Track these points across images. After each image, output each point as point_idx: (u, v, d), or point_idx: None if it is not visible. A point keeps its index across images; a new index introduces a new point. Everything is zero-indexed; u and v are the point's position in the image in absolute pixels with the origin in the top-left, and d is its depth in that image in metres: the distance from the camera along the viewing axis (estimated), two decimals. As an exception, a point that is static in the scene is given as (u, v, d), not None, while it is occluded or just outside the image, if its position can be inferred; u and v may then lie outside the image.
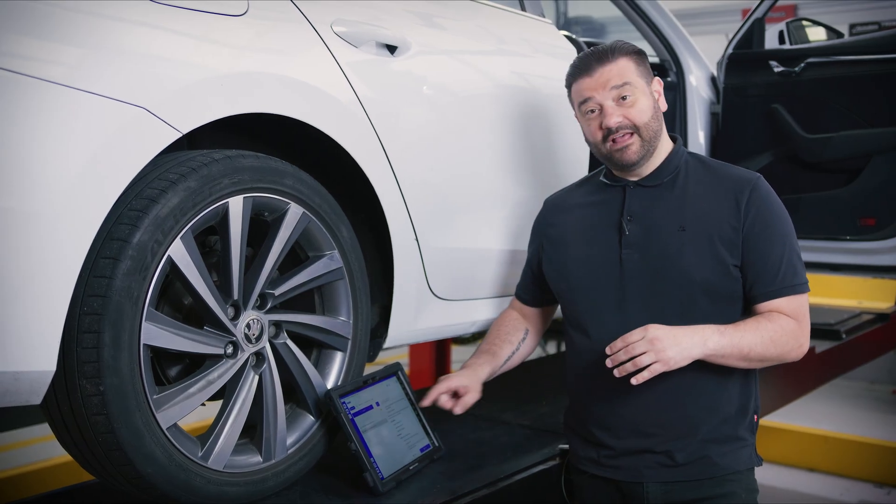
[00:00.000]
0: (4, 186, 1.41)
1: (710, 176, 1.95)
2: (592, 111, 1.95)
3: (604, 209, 2.01)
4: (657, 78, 2.01)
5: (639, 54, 1.98)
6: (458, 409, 2.04)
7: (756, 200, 1.88)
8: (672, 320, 1.81)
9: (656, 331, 1.74)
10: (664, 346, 1.72)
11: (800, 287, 1.88)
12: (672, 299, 1.88)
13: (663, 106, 2.00)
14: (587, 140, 2.02)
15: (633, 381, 1.73)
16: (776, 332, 1.83)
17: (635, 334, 1.74)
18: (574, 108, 2.04)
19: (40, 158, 1.44)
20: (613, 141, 1.93)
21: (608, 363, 1.75)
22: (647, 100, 1.94)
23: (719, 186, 1.92)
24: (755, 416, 1.98)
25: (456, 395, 2.05)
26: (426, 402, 2.04)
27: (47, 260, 1.45)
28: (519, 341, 2.20)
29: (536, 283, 2.18)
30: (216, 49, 1.73)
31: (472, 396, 2.06)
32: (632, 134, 1.92)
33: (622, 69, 1.93)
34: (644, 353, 1.72)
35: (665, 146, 1.99)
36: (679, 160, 1.98)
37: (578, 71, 1.98)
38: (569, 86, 2.03)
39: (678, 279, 1.88)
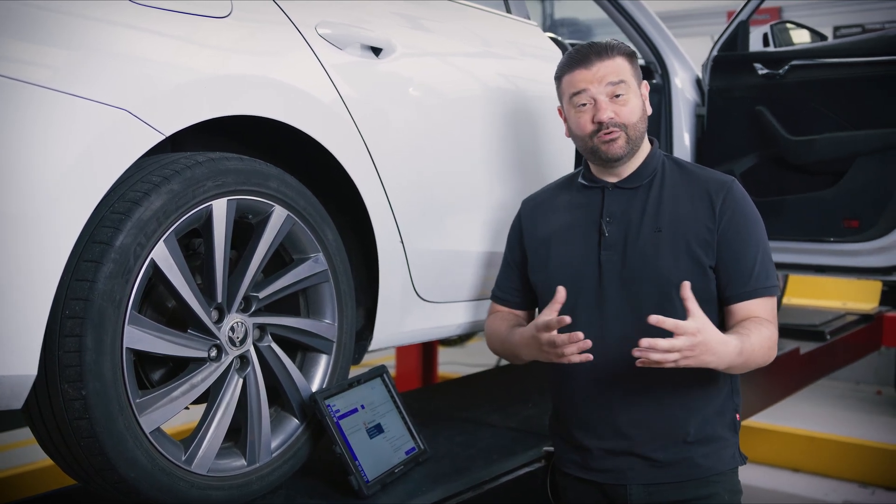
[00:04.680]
0: (-15, 189, 1.40)
1: (685, 178, 1.98)
2: (584, 104, 1.96)
3: (583, 211, 2.02)
4: (644, 81, 2.03)
5: (633, 56, 2.00)
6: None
7: (731, 203, 1.90)
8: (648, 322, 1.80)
9: (704, 349, 1.68)
10: (694, 355, 1.68)
11: (772, 290, 1.91)
12: (649, 300, 1.89)
13: (648, 109, 2.02)
14: (572, 133, 2.02)
15: (639, 363, 1.67)
16: (770, 339, 1.86)
17: (686, 340, 1.66)
18: (562, 100, 2.04)
19: (22, 161, 1.44)
20: (602, 135, 1.94)
21: (639, 345, 1.66)
22: (637, 101, 1.97)
23: (695, 189, 1.94)
24: (737, 415, 1.99)
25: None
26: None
27: (29, 263, 1.44)
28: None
29: (526, 286, 2.14)
30: (199, 51, 1.73)
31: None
32: (618, 130, 1.93)
33: (619, 67, 1.95)
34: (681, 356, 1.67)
35: (644, 149, 2.01)
36: (656, 162, 2.00)
37: (574, 62, 1.98)
38: (560, 76, 2.03)
39: (655, 280, 1.89)
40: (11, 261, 1.43)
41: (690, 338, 1.66)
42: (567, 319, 1.77)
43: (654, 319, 1.66)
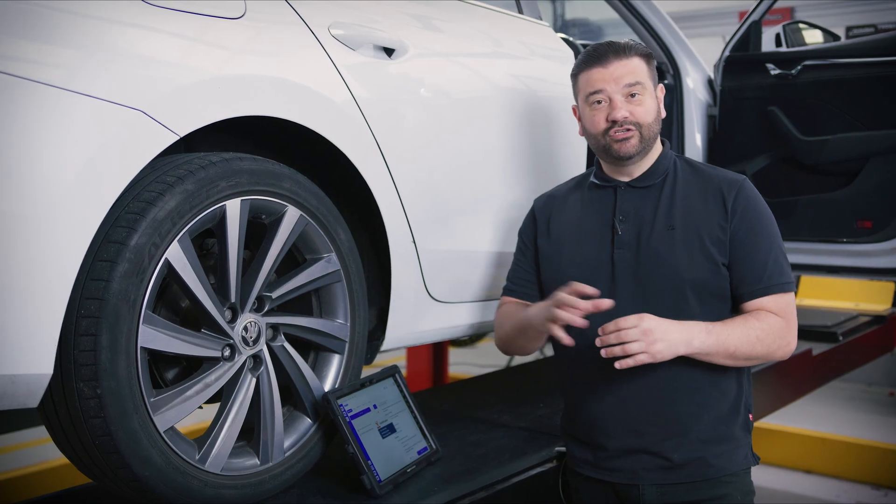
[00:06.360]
0: (1, 189, 1.41)
1: (697, 177, 1.99)
2: (600, 102, 1.97)
3: (596, 209, 2.02)
4: (661, 85, 2.04)
5: (650, 57, 2.01)
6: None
7: (742, 201, 1.91)
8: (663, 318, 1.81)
9: (650, 322, 1.76)
10: (655, 339, 1.75)
11: (786, 286, 1.91)
12: (662, 298, 1.89)
13: (662, 113, 2.02)
14: (586, 131, 2.03)
15: (617, 364, 1.74)
16: (763, 330, 1.86)
17: (629, 320, 1.75)
18: (577, 97, 2.05)
19: (37, 161, 1.45)
20: (615, 132, 1.94)
21: (597, 342, 1.76)
22: (652, 102, 1.98)
23: (707, 187, 1.95)
24: (749, 415, 1.99)
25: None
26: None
27: (44, 263, 1.45)
28: None
29: (541, 280, 2.13)
30: (214, 51, 1.74)
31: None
32: (633, 129, 1.94)
33: (636, 68, 1.96)
34: (635, 341, 1.74)
35: (657, 149, 2.02)
36: (668, 162, 2.01)
37: (592, 60, 1.98)
38: (577, 74, 2.03)
39: (668, 277, 1.90)
40: (27, 260, 1.43)
41: (635, 327, 1.73)
42: (594, 291, 1.80)
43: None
